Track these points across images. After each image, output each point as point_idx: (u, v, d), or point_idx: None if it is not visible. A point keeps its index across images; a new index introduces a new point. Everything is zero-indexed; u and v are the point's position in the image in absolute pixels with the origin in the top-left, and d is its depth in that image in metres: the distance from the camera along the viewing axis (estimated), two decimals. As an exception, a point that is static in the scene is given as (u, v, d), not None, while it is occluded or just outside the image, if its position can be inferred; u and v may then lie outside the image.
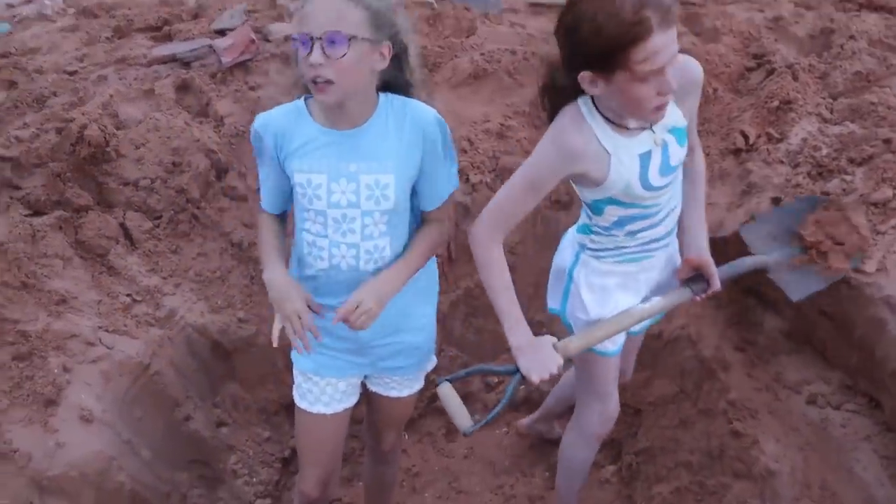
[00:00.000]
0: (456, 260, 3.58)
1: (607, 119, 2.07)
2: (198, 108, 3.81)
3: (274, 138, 2.12)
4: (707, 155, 3.51)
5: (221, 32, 4.36)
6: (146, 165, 3.39)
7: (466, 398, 3.59)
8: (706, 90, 3.77)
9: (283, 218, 2.33)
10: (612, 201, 2.18)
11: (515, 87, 3.94)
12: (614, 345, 2.47)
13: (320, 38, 1.91)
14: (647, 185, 2.14)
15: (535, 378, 2.14)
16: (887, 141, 3.20)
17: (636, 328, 2.51)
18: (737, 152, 3.50)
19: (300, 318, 2.08)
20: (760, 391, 3.00)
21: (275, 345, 2.21)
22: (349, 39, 1.91)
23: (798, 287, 2.78)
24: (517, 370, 2.18)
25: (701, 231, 2.37)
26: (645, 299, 2.39)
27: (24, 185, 3.25)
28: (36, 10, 5.31)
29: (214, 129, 3.68)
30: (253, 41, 4.06)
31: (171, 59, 4.16)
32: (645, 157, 2.11)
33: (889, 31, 4.04)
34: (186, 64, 4.10)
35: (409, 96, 2.14)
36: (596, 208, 2.24)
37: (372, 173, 2.08)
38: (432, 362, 2.53)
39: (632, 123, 2.07)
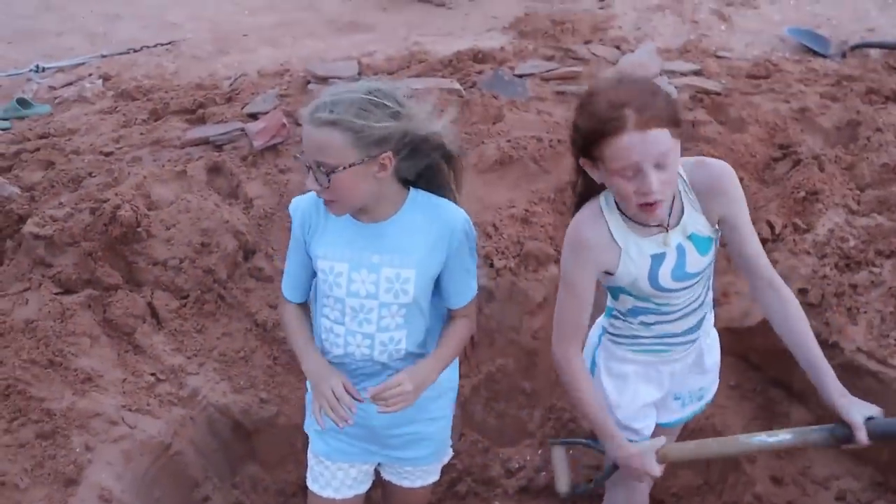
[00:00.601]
0: (478, 344, 3.57)
1: (624, 215, 2.10)
2: (228, 189, 3.88)
3: (302, 221, 2.16)
4: (732, 244, 3.51)
5: (254, 116, 4.47)
6: (175, 246, 3.44)
7: (487, 482, 3.55)
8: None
9: (306, 306, 2.34)
10: (624, 290, 2.20)
11: (541, 174, 3.98)
12: (642, 433, 2.44)
13: (311, 167, 1.97)
14: (656, 286, 2.15)
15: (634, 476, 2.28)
16: (915, 233, 3.19)
17: (668, 419, 2.49)
18: (763, 242, 3.47)
19: (334, 392, 2.08)
20: (788, 486, 2.94)
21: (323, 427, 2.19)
22: (331, 172, 1.94)
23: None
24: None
25: (823, 373, 2.13)
26: (770, 434, 2.24)
27: (57, 263, 3.32)
28: (76, 92, 5.48)
29: (243, 210, 3.75)
30: (284, 125, 4.15)
31: (204, 142, 4.25)
32: (657, 258, 2.12)
33: (915, 125, 4.06)
34: (219, 146, 4.19)
35: (438, 191, 2.16)
36: (612, 293, 2.28)
37: (394, 267, 2.10)
38: (448, 454, 2.51)
39: (651, 220, 2.07)
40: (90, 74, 5.91)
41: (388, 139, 1.96)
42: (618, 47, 5.54)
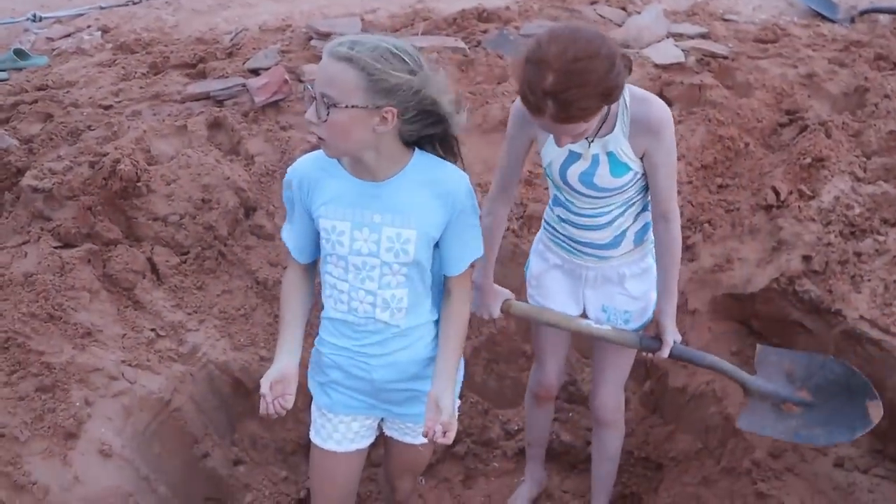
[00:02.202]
0: (480, 306, 3.56)
1: None
2: (229, 146, 3.85)
3: (300, 185, 2.14)
4: (737, 210, 3.50)
5: (255, 72, 4.42)
6: (176, 201, 3.41)
7: (486, 443, 3.56)
8: (737, 144, 3.76)
9: (312, 271, 2.33)
10: (547, 173, 2.47)
11: (545, 135, 3.95)
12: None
13: (315, 97, 1.94)
14: (563, 177, 2.40)
15: (477, 312, 2.69)
16: (922, 202, 3.17)
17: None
18: (767, 208, 3.47)
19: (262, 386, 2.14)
20: (786, 451, 2.94)
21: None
22: (332, 105, 1.91)
23: (756, 421, 2.73)
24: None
25: (666, 298, 2.54)
26: (601, 324, 2.65)
27: (56, 216, 3.29)
28: (74, 44, 5.41)
29: (245, 167, 3.72)
30: (286, 81, 4.11)
31: (205, 97, 4.21)
32: (573, 156, 2.35)
33: (924, 92, 4.02)
34: (219, 102, 4.15)
35: (440, 154, 2.14)
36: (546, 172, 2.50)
37: (395, 227, 2.08)
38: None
39: None
40: (89, 26, 5.85)
41: (398, 92, 1.93)
42: (624, 8, 5.48)
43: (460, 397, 2.44)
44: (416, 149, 2.11)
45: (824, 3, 5.71)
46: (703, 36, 4.89)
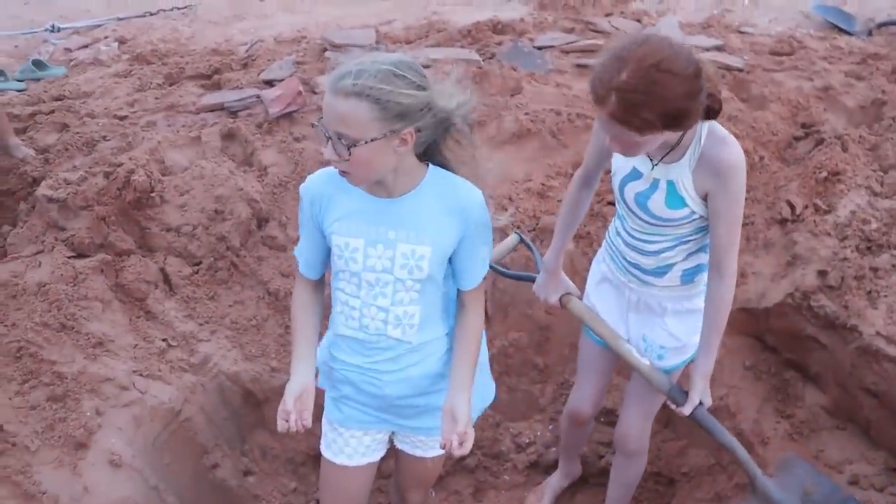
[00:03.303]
0: (492, 318, 3.55)
1: None
2: (242, 157, 3.86)
3: (313, 202, 2.13)
4: (752, 224, 3.48)
5: (270, 83, 4.44)
6: (189, 212, 3.42)
7: (497, 456, 3.54)
8: (752, 157, 3.74)
9: (321, 285, 2.32)
10: (612, 182, 2.43)
11: (558, 148, 3.95)
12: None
13: (330, 137, 1.92)
14: (621, 191, 2.37)
15: (536, 292, 2.79)
16: (938, 217, 3.14)
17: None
18: (782, 222, 3.45)
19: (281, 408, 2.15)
20: (800, 469, 2.91)
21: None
22: (352, 145, 1.89)
23: None
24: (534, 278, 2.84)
25: (704, 353, 2.43)
26: (640, 353, 2.58)
27: (70, 226, 3.30)
28: (92, 55, 5.46)
29: (258, 178, 3.72)
30: (300, 93, 4.12)
31: (219, 108, 4.23)
32: (635, 174, 2.32)
33: (941, 106, 4.00)
34: (234, 113, 4.17)
35: (450, 167, 2.13)
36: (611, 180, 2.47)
37: (410, 243, 2.07)
38: None
39: None
40: (106, 37, 5.90)
41: (411, 112, 1.92)
42: (639, 20, 5.48)
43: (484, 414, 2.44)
44: (430, 164, 2.10)
45: (841, 16, 5.68)
46: (719, 48, 4.88)
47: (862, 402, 3.01)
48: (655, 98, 1.94)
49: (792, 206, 3.46)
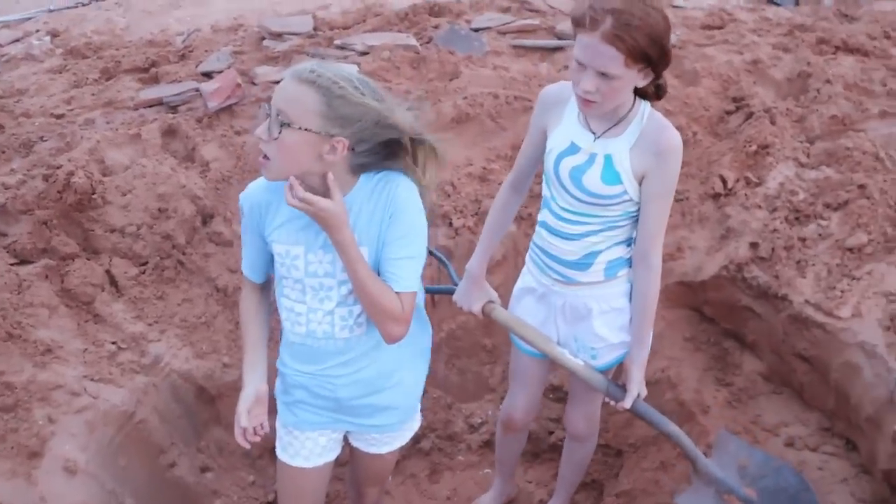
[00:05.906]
0: (439, 302, 3.61)
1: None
2: (184, 153, 3.84)
3: (252, 211, 2.16)
4: (686, 199, 3.57)
5: (208, 75, 4.41)
6: (132, 212, 3.40)
7: (451, 438, 3.62)
8: (685, 133, 3.82)
9: (268, 288, 2.35)
10: (545, 165, 2.42)
11: (498, 131, 3.99)
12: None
13: (269, 114, 1.95)
14: (556, 167, 2.36)
15: (458, 301, 2.69)
16: (862, 186, 3.27)
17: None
18: (716, 196, 3.55)
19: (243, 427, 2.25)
20: (739, 433, 3.03)
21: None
22: (286, 125, 1.92)
23: (695, 501, 2.70)
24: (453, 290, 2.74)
25: (637, 346, 2.51)
26: (573, 354, 2.57)
27: (11, 232, 3.28)
28: (24, 49, 5.35)
29: (200, 174, 3.71)
30: (239, 85, 4.10)
31: (158, 103, 4.20)
32: (573, 148, 2.33)
33: (864, 76, 4.12)
34: (173, 108, 4.14)
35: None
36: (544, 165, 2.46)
37: None
38: (416, 421, 2.54)
39: (586, 114, 2.29)
40: (37, 30, 5.78)
41: (353, 122, 1.94)
42: (573, -2, 5.51)
43: (424, 392, 2.46)
44: (362, 175, 2.10)
45: (770, -15, 5.80)
46: (652, 24, 4.94)
47: (795, 368, 3.13)
48: (647, 24, 2.05)
49: (724, 181, 3.56)
